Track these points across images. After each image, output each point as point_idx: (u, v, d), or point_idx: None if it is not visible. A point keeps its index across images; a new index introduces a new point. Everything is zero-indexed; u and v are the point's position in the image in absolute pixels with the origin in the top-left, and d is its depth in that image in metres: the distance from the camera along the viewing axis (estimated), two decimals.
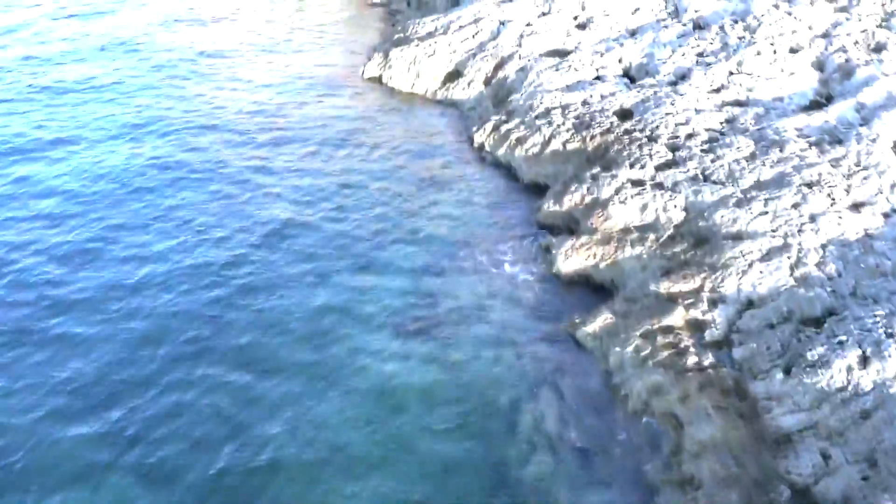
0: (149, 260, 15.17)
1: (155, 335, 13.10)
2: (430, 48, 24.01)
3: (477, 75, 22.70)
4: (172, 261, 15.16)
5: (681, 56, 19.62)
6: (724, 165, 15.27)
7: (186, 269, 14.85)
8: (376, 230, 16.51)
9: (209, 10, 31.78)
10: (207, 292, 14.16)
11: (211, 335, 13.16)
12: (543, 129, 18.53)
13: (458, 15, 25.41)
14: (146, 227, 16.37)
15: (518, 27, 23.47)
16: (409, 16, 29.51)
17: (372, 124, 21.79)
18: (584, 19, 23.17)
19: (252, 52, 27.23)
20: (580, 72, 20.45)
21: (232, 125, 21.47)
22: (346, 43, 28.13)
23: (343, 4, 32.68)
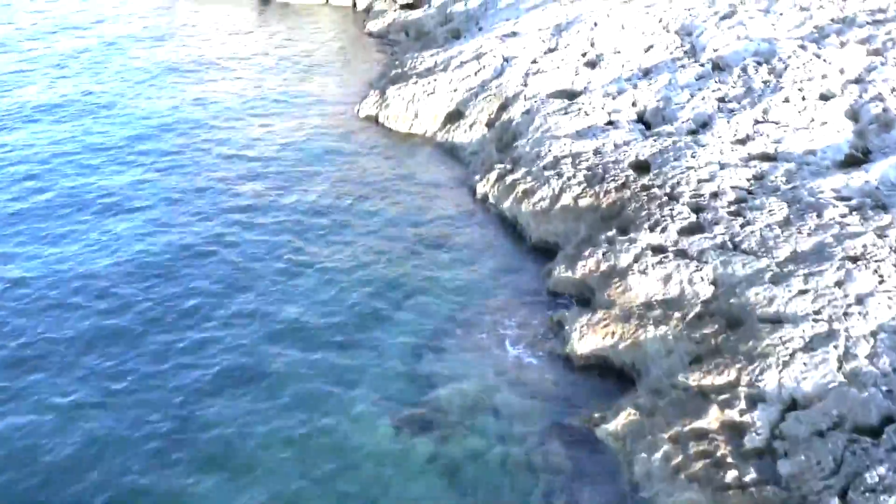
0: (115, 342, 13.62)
1: (102, 439, 11.52)
2: (429, 86, 22.57)
3: (479, 116, 21.25)
4: (138, 340, 13.58)
5: (700, 101, 18.15)
6: (756, 232, 13.75)
7: (151, 352, 13.29)
8: (366, 298, 14.97)
9: (195, 36, 30.35)
10: (174, 383, 12.58)
11: (178, 434, 11.57)
12: (552, 181, 17.04)
13: (458, 50, 23.98)
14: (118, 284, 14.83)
15: (523, 64, 22.02)
16: (408, 47, 28.11)
17: (365, 170, 20.34)
18: (594, 56, 21.72)
19: (240, 84, 25.81)
20: (591, 116, 18.97)
21: (213, 168, 19.98)
22: (341, 76, 26.70)
23: (339, 33, 31.31)
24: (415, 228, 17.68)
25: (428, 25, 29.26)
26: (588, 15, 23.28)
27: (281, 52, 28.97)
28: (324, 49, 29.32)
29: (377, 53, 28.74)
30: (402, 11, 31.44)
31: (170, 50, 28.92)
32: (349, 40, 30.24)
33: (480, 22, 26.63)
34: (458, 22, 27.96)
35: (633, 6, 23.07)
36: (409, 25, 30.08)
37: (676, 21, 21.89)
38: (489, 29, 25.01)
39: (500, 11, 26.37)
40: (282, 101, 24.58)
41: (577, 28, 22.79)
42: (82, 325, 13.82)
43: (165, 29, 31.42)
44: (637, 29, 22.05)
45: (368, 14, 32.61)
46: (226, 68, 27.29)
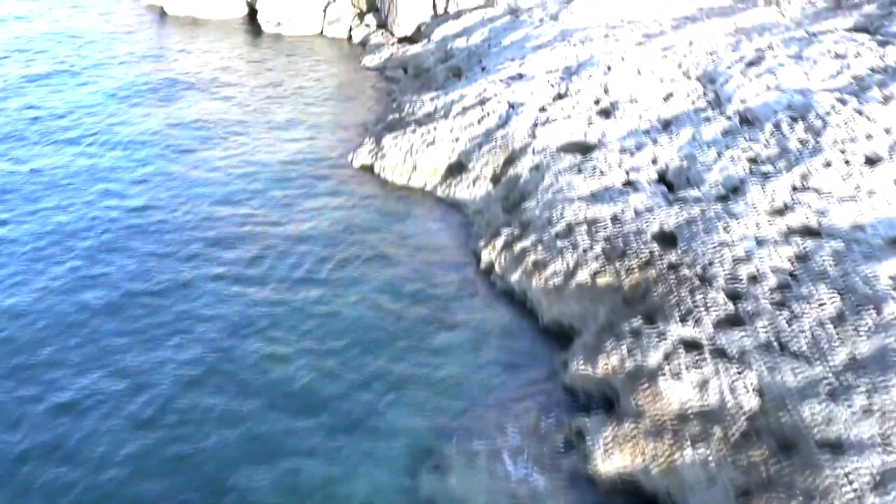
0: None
1: None
2: (428, 135, 20.79)
3: (483, 171, 19.46)
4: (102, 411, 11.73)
5: (729, 161, 16.36)
6: (806, 330, 11.92)
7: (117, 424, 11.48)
8: (348, 390, 13.19)
9: (181, 72, 28.58)
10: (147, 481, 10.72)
11: None
12: (566, 253, 15.23)
13: (460, 94, 22.21)
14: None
15: (531, 112, 20.24)
16: (406, 86, 26.36)
17: (357, 227, 18.60)
18: (608, 104, 19.96)
19: (225, 126, 23.98)
20: (607, 175, 17.18)
21: (189, 226, 18.16)
22: (335, 118, 24.91)
23: (334, 68, 29.55)
24: (409, 301, 15.93)
25: (427, 62, 27.52)
26: (601, 57, 21.53)
27: (271, 89, 27.20)
28: (317, 86, 27.55)
29: (373, 92, 26.95)
30: (400, 45, 29.71)
31: (154, 88, 27.13)
32: (344, 76, 28.46)
33: (483, 61, 24.88)
34: (460, 59, 26.23)
35: (649, 49, 21.33)
36: (408, 61, 28.34)
37: (698, 66, 20.15)
38: (493, 70, 23.26)
39: (505, 50, 24.63)
40: (270, 145, 22.80)
41: (589, 72, 21.03)
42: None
43: (151, 63, 29.64)
44: (654, 74, 20.30)
45: (365, 47, 30.89)
46: (212, 106, 25.49)
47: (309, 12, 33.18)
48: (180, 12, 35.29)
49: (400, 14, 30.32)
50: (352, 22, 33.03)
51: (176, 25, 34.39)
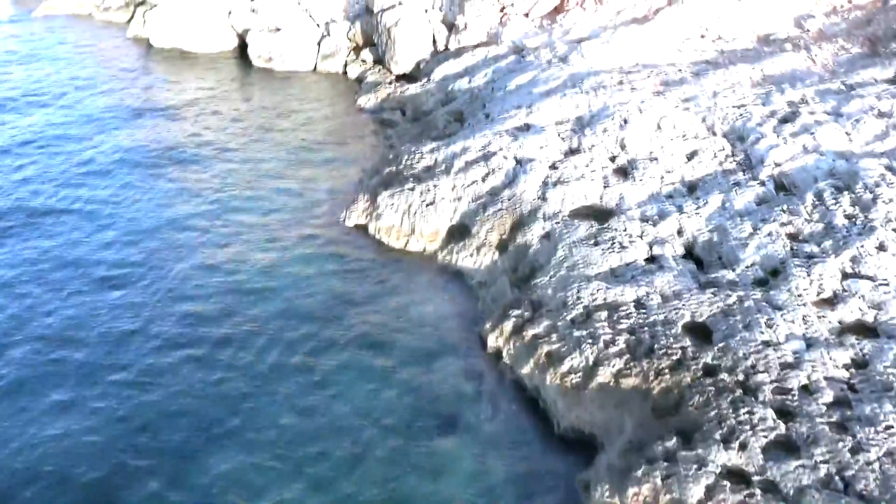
0: None
1: None
2: (428, 193, 18.98)
3: (489, 237, 17.63)
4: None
5: (767, 237, 14.54)
6: (874, 465, 10.06)
7: None
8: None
9: (160, 106, 26.79)
10: None
11: None
12: (585, 346, 13.37)
13: (462, 146, 20.40)
14: None
15: (540, 170, 18.45)
16: (404, 130, 24.59)
17: (349, 301, 16.83)
18: (625, 162, 18.17)
19: (205, 173, 22.28)
20: (628, 250, 15.36)
21: (148, 303, 16.32)
22: (326, 166, 23.11)
23: (326, 109, 27.80)
24: (403, 394, 14.18)
25: (427, 104, 25.76)
26: (616, 108, 19.75)
27: (258, 132, 25.43)
28: (308, 130, 25.76)
29: (369, 137, 25.16)
30: (398, 84, 27.95)
31: (135, 125, 25.35)
32: (338, 119, 26.68)
33: (487, 106, 23.11)
34: (462, 103, 24.46)
35: (669, 99, 19.56)
36: (406, 102, 26.57)
37: (724, 121, 18.35)
38: (498, 118, 21.47)
39: (510, 95, 22.86)
40: (255, 198, 21.01)
41: (604, 125, 19.25)
42: None
43: (130, 98, 27.86)
44: (676, 129, 18.51)
45: (361, 85, 29.13)
46: (194, 153, 23.71)
47: (302, 47, 31.45)
48: (166, 45, 33.58)
49: (398, 51, 28.58)
50: (347, 57, 31.31)
51: (162, 60, 32.67)
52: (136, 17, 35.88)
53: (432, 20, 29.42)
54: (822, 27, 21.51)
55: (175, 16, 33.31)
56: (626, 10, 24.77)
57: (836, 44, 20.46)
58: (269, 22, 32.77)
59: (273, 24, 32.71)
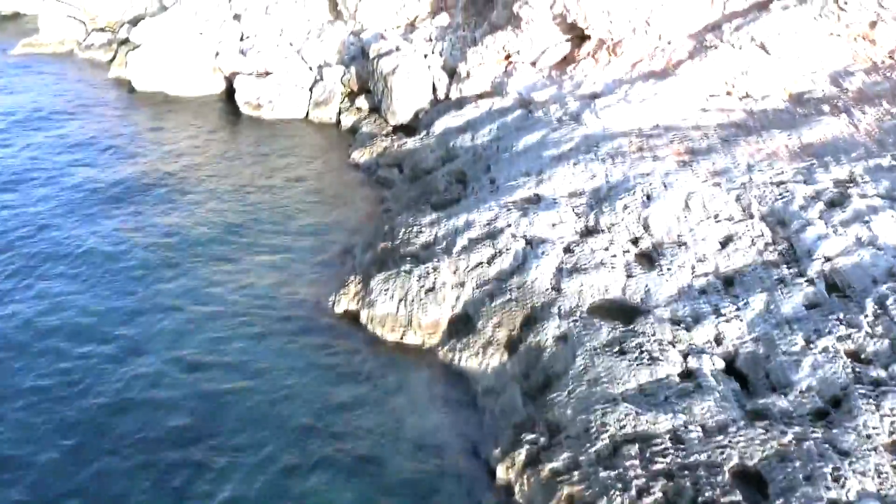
0: None
1: None
2: (427, 278, 16.90)
3: (497, 333, 15.51)
4: None
5: (823, 355, 12.43)
6: None
7: None
8: None
9: (136, 160, 24.72)
10: None
11: None
12: (614, 494, 11.26)
13: (466, 219, 18.32)
14: None
15: (554, 254, 16.35)
16: (401, 192, 22.54)
17: (335, 413, 14.77)
18: (650, 246, 16.08)
19: (180, 243, 20.26)
20: (659, 363, 13.24)
21: (104, 414, 14.18)
22: (315, 235, 21.03)
23: (317, 163, 25.79)
24: None
25: (426, 160, 23.71)
26: (637, 180, 17.70)
27: (240, 194, 23.35)
28: (295, 188, 23.70)
29: (363, 200, 23.10)
30: (395, 137, 25.90)
31: (100, 189, 23.28)
32: (329, 176, 24.63)
33: (493, 168, 21.07)
34: (464, 162, 22.41)
35: (696, 172, 17.50)
36: (404, 158, 24.52)
37: (762, 201, 16.27)
38: (504, 186, 19.41)
39: (518, 157, 20.81)
40: (233, 274, 18.95)
41: (624, 201, 17.17)
42: None
43: (106, 155, 25.81)
44: (707, 209, 16.43)
45: (355, 136, 27.09)
46: (168, 218, 21.61)
47: (293, 92, 29.41)
48: (149, 88, 31.54)
49: (395, 100, 26.55)
50: (341, 104, 29.27)
51: (143, 104, 30.64)
52: (118, 57, 33.90)
53: (432, 66, 27.44)
54: (861, 86, 19.49)
55: (158, 57, 31.30)
56: (642, 61, 22.76)
57: (880, 107, 18.42)
58: (259, 64, 30.77)
59: (263, 67, 30.70)
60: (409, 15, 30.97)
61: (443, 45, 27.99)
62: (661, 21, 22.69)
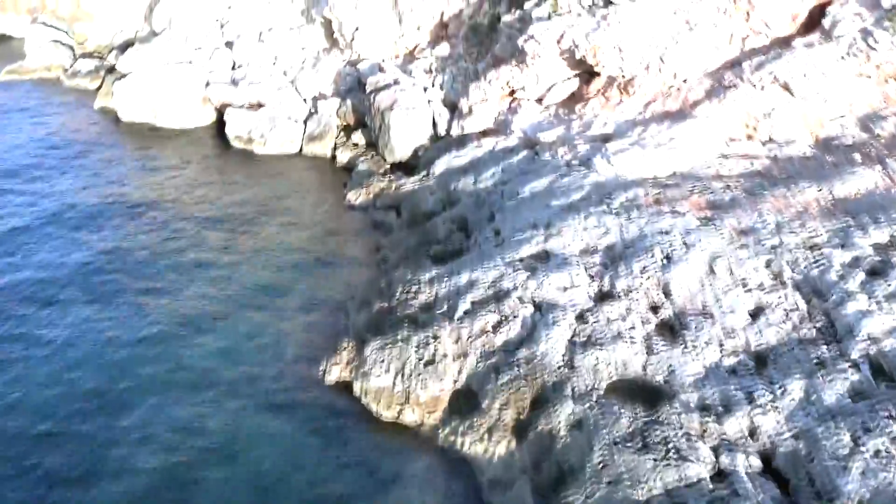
0: None
1: None
2: (427, 346, 15.51)
3: (503, 414, 14.04)
4: None
5: (874, 458, 10.97)
6: None
7: None
8: None
9: (115, 202, 23.29)
10: None
11: None
12: None
13: (468, 278, 16.87)
14: None
15: (566, 323, 14.91)
16: (399, 240, 21.14)
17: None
18: (671, 315, 14.63)
19: (161, 308, 18.72)
20: (690, 461, 11.72)
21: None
22: (305, 289, 19.62)
23: (310, 204, 24.33)
24: None
25: (426, 203, 22.28)
26: (655, 238, 16.26)
27: (225, 238, 21.90)
28: (286, 234, 22.26)
29: (359, 246, 21.67)
30: (393, 176, 24.48)
31: (82, 227, 21.86)
32: (323, 220, 23.17)
33: (497, 217, 19.64)
34: (467, 207, 20.99)
35: (720, 230, 16.06)
36: (402, 200, 23.10)
37: (795, 268, 14.81)
38: (510, 239, 17.99)
39: (524, 205, 19.40)
40: (208, 331, 17.56)
41: (642, 262, 15.72)
42: None
43: (84, 188, 24.40)
44: (734, 273, 14.98)
45: (351, 174, 25.64)
46: (146, 264, 20.18)
47: (286, 126, 28.02)
48: (136, 119, 30.16)
49: (393, 137, 25.14)
50: (336, 138, 27.88)
51: (129, 137, 29.29)
52: (104, 86, 32.54)
53: (433, 100, 26.04)
54: (895, 132, 18.07)
55: (145, 87, 29.94)
56: (656, 101, 21.36)
57: None
58: (251, 96, 29.38)
59: (255, 99, 29.32)
60: (408, 44, 29.61)
61: (443, 78, 26.60)
62: (676, 58, 21.31)
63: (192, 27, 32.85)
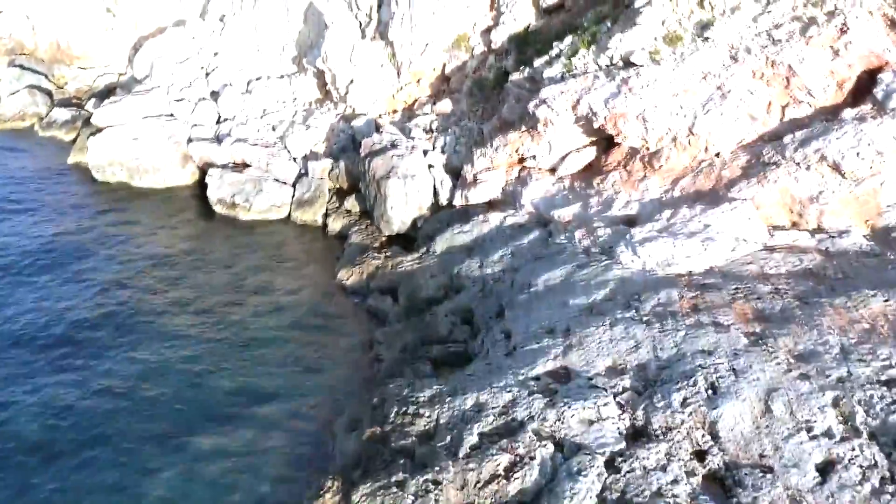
0: None
1: None
2: (426, 497, 12.98)
3: None
4: None
5: None
6: None
7: None
8: None
9: (82, 273, 20.84)
10: None
11: None
12: None
13: (475, 401, 14.53)
14: None
15: (594, 473, 12.43)
16: (396, 333, 18.68)
17: None
18: (720, 465, 12.14)
19: (126, 417, 16.24)
20: None
21: None
22: (285, 394, 17.07)
23: (300, 280, 21.91)
24: None
25: (425, 288, 19.87)
26: (695, 359, 13.80)
27: (198, 325, 19.43)
28: (265, 321, 19.84)
29: (349, 341, 19.21)
30: (389, 253, 22.03)
31: (46, 321, 19.38)
32: (309, 301, 20.74)
33: (507, 312, 17.35)
34: (472, 297, 18.65)
35: (774, 353, 13.55)
36: (400, 282, 20.67)
37: (869, 409, 12.30)
38: (523, 347, 15.53)
39: (538, 301, 16.97)
40: (184, 458, 14.89)
41: (682, 392, 13.24)
42: None
43: (48, 256, 21.95)
44: (795, 414, 12.47)
45: (343, 246, 23.16)
46: (101, 360, 17.67)
47: (273, 190, 25.61)
48: (111, 178, 27.74)
49: (390, 207, 22.73)
50: (328, 203, 25.46)
51: (102, 198, 26.90)
52: (80, 139, 30.16)
53: (434, 165, 23.64)
54: None
55: (122, 143, 27.59)
56: (685, 177, 18.96)
57: None
58: (236, 154, 26.99)
59: (240, 157, 26.92)
60: (407, 98, 27.30)
61: (445, 140, 24.22)
62: (707, 129, 18.94)
63: (176, 75, 30.54)
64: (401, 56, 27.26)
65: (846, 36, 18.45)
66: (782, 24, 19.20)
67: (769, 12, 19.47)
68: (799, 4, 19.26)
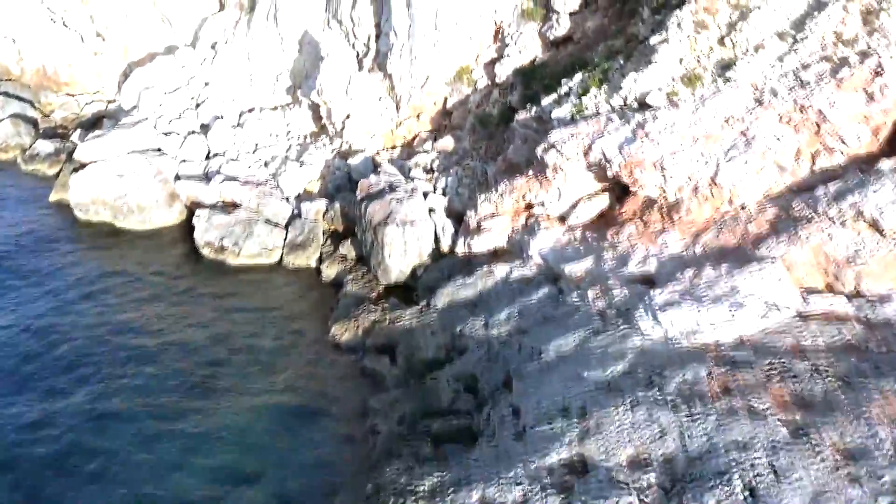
0: None
1: None
2: None
3: None
4: None
5: None
6: None
7: None
8: None
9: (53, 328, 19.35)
10: None
11: None
12: None
13: (481, 496, 12.92)
14: None
15: None
16: (393, 400, 17.26)
17: None
18: None
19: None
20: None
21: None
22: (270, 479, 15.47)
23: (291, 336, 20.44)
24: None
25: (426, 349, 18.42)
26: (730, 453, 12.30)
27: (170, 391, 17.86)
28: (250, 385, 18.41)
29: (342, 408, 17.69)
30: (387, 305, 20.53)
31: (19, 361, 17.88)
32: (300, 361, 19.25)
33: (515, 384, 15.86)
34: (476, 362, 17.17)
35: (819, 448, 12.04)
36: (398, 339, 19.20)
37: None
38: (533, 429, 14.02)
39: (550, 371, 15.51)
40: None
41: (716, 494, 11.79)
42: None
43: (30, 316, 20.43)
44: None
45: (338, 297, 21.67)
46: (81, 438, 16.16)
47: (264, 233, 24.13)
48: (93, 217, 26.27)
49: (388, 255, 21.26)
50: (323, 247, 23.96)
51: (83, 239, 25.41)
52: (63, 174, 28.69)
53: (435, 209, 22.15)
54: None
55: (105, 181, 26.13)
56: (708, 231, 17.48)
57: None
58: (225, 193, 25.52)
59: (230, 196, 25.45)
60: (406, 134, 25.85)
61: (447, 181, 22.78)
62: (730, 179, 17.50)
63: (165, 106, 29.13)
64: (400, 89, 25.86)
65: (881, 78, 17.03)
66: (810, 65, 17.77)
67: (796, 51, 18.05)
68: (829, 43, 17.84)
